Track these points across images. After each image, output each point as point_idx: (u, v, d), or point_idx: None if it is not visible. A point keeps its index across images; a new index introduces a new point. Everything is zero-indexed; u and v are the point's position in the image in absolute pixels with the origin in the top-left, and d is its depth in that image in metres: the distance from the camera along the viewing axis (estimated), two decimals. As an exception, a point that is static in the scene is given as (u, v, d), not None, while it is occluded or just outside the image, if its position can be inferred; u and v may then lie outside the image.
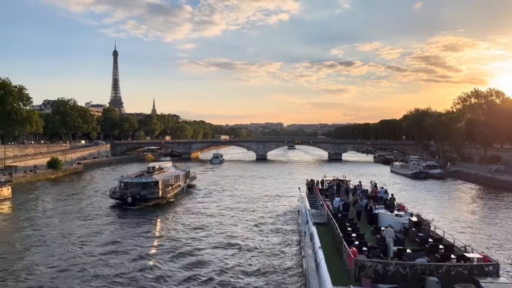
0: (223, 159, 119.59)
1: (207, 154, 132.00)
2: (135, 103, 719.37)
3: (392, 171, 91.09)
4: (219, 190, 58.75)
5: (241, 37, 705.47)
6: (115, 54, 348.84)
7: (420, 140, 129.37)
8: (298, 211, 36.97)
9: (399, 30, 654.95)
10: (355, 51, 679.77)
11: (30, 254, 27.18)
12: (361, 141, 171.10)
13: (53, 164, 77.16)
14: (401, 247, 15.41)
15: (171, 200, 48.30)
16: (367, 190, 30.47)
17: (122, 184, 45.76)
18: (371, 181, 33.46)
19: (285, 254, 27.39)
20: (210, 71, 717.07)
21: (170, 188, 49.05)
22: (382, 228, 17.70)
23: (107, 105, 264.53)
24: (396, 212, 21.03)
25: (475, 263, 13.64)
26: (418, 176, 76.43)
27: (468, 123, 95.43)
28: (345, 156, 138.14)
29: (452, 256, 14.47)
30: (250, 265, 25.28)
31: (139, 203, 43.54)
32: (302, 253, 24.89)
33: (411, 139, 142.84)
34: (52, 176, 74.41)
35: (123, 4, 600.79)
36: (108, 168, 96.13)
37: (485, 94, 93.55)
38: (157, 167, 53.34)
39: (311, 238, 20.29)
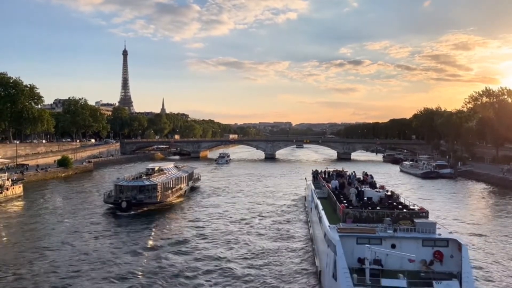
0: (230, 159, 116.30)
1: (216, 153, 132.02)
2: (144, 102, 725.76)
3: (401, 171, 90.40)
4: (225, 192, 56.05)
5: (249, 36, 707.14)
6: (124, 53, 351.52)
7: (430, 140, 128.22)
8: (305, 197, 45.66)
9: (408, 28, 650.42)
10: (364, 50, 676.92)
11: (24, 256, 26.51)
12: (370, 140, 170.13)
13: (63, 163, 77.97)
14: (375, 207, 23.19)
15: (172, 204, 44.82)
16: (360, 177, 37.70)
17: (117, 188, 42.43)
18: (363, 171, 42.33)
19: (294, 227, 35.24)
20: (219, 70, 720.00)
21: (170, 191, 45.75)
22: (365, 198, 25.83)
23: (117, 104, 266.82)
24: (376, 189, 29.07)
25: (414, 211, 22.36)
26: (428, 175, 75.72)
27: (479, 123, 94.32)
28: (354, 155, 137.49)
29: (404, 210, 22.61)
30: (262, 247, 29.41)
31: (135, 208, 40.23)
32: (309, 224, 33.53)
33: (421, 139, 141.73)
34: (63, 175, 75.18)
35: (131, 4, 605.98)
36: (118, 167, 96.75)
37: (496, 93, 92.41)
38: (156, 168, 50.10)
39: (316, 207, 28.22)
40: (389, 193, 27.37)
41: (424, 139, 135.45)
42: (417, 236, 19.09)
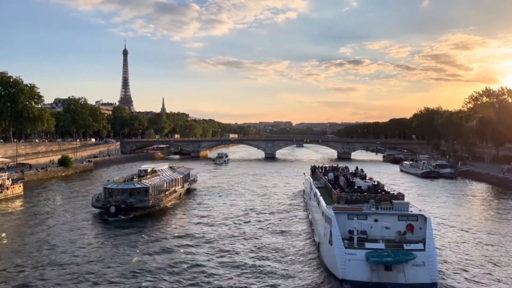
0: (228, 159, 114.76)
1: (216, 153, 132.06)
2: (144, 102, 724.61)
3: (401, 171, 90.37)
4: (223, 194, 54.16)
5: (248, 36, 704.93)
6: (125, 53, 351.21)
7: (430, 139, 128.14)
8: (303, 190, 51.73)
9: (408, 28, 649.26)
10: (364, 50, 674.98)
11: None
12: (370, 140, 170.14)
13: (63, 162, 77.97)
14: (363, 193, 28.65)
15: (165, 208, 42.51)
16: (352, 171, 44.01)
17: (106, 191, 39.99)
18: (356, 166, 47.43)
19: (295, 215, 40.68)
20: (218, 70, 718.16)
21: (163, 194, 43.45)
22: (356, 187, 31.70)
23: (117, 103, 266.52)
24: (365, 180, 35.20)
25: (393, 194, 28.22)
26: (428, 175, 75.70)
27: (479, 122, 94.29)
28: (354, 155, 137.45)
29: (386, 194, 28.26)
30: (267, 231, 33.79)
31: (124, 213, 37.68)
32: (308, 211, 39.38)
33: (421, 138, 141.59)
34: (63, 174, 75.21)
35: (131, 3, 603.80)
36: (117, 166, 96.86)
37: (497, 93, 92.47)
38: (149, 170, 47.53)
39: (315, 194, 33.66)
40: (375, 183, 33.30)
41: (424, 139, 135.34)
42: (394, 212, 24.55)
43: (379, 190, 30.06)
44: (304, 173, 56.12)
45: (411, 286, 20.78)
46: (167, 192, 45.29)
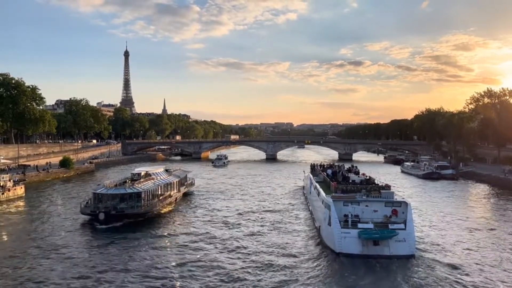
0: (228, 161, 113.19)
1: (215, 154, 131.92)
2: (145, 103, 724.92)
3: (402, 172, 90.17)
4: (221, 197, 52.03)
5: (249, 37, 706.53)
6: (126, 54, 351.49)
7: (431, 140, 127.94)
8: (303, 186, 56.77)
9: (408, 29, 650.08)
10: (364, 51, 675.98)
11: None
12: (371, 141, 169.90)
13: (64, 163, 78.03)
14: (356, 185, 34.28)
15: (159, 214, 39.99)
16: (347, 168, 48.39)
17: (96, 196, 37.50)
18: (351, 164, 52.37)
19: (296, 207, 45.85)
20: (219, 71, 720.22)
21: (157, 200, 41.07)
22: (350, 181, 37.39)
23: (118, 105, 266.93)
24: (359, 175, 40.73)
25: (382, 185, 33.56)
26: (429, 176, 75.48)
27: (481, 123, 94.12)
28: (356, 156, 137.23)
29: (375, 185, 33.74)
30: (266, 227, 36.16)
31: (114, 220, 35.26)
32: (308, 203, 44.50)
33: (423, 139, 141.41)
34: (64, 175, 75.25)
35: (131, 5, 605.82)
36: (119, 168, 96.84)
37: (498, 94, 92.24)
38: (143, 173, 45.10)
39: (315, 187, 38.74)
40: (367, 178, 38.54)
41: (426, 140, 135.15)
42: (381, 200, 29.66)
43: (370, 183, 35.76)
44: (304, 171, 60.76)
45: (394, 257, 25.63)
46: (161, 197, 42.79)
